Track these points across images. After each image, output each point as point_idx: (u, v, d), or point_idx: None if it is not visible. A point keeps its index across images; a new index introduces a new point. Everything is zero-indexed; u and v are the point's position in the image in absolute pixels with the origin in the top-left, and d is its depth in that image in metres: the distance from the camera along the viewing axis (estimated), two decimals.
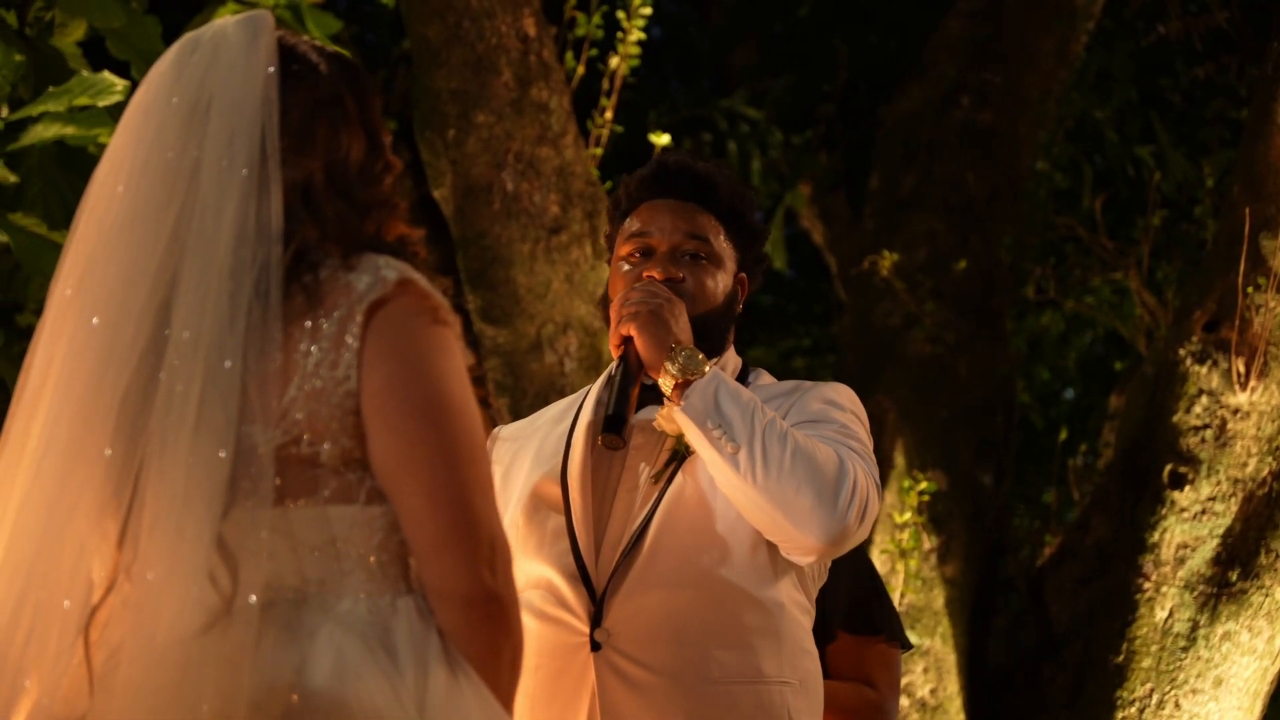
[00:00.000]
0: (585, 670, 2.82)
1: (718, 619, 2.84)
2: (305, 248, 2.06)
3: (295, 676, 1.96)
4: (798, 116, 8.37)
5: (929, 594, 5.73)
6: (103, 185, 2.10)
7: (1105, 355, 8.53)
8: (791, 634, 2.90)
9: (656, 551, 2.86)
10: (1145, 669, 4.89)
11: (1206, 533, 4.88)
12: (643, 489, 2.92)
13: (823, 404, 2.98)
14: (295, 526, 2.02)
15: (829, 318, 8.91)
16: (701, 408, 2.78)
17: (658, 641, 2.82)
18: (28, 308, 4.17)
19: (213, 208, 2.01)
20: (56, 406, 2.02)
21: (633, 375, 2.86)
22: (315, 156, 2.11)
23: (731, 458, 2.76)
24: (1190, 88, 7.27)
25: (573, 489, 2.92)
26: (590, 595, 2.85)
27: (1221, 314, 4.99)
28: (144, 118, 2.09)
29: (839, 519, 2.76)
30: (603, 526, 2.91)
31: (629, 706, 2.80)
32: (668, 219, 3.02)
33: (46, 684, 1.96)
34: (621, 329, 2.87)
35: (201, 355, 1.97)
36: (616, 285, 3.03)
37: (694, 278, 2.99)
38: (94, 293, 2.04)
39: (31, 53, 4.14)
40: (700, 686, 2.80)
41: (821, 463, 2.77)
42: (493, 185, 5.27)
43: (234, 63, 2.07)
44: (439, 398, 2.05)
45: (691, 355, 2.82)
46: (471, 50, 5.26)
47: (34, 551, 1.98)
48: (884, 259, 6.21)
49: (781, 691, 2.85)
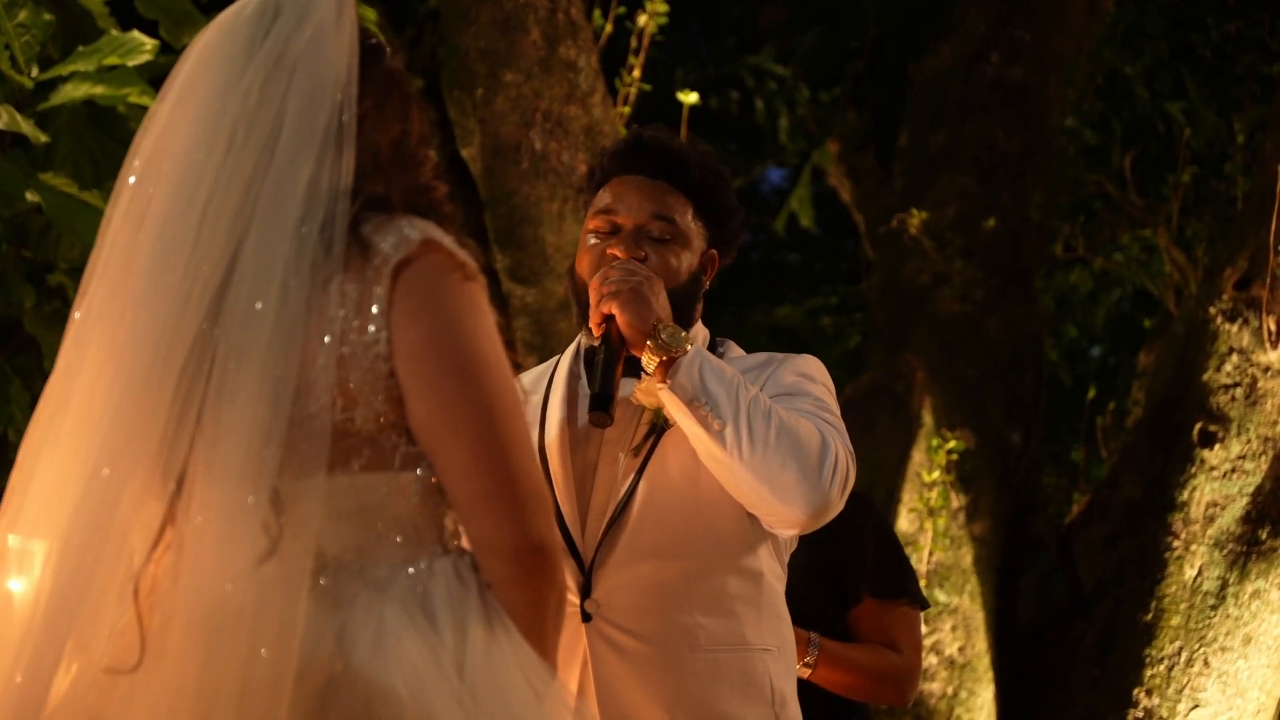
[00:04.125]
0: (576, 640, 2.87)
1: (704, 588, 2.90)
2: (370, 203, 2.08)
3: (336, 645, 1.97)
4: (826, 73, 8.34)
5: (957, 552, 5.74)
6: (165, 141, 2.12)
7: (1134, 313, 8.51)
8: (770, 601, 2.97)
9: (642, 523, 2.91)
10: (1174, 627, 4.89)
11: (1236, 491, 4.87)
12: (623, 462, 2.95)
13: (796, 377, 3.01)
14: (331, 494, 2.03)
15: (856, 276, 8.90)
16: (689, 386, 2.81)
17: (647, 611, 2.88)
18: (58, 267, 4.18)
19: (289, 169, 2.04)
20: (115, 370, 2.04)
21: (615, 353, 2.88)
22: (383, 133, 2.15)
23: (718, 434, 2.80)
24: (1221, 43, 7.22)
25: (553, 462, 2.97)
26: (579, 566, 2.90)
27: (1253, 272, 4.97)
28: (220, 70, 2.11)
29: (822, 493, 2.81)
30: (585, 499, 2.96)
31: (620, 675, 2.86)
32: (635, 196, 3.03)
33: (95, 650, 1.98)
34: (603, 307, 2.88)
35: (267, 313, 1.99)
36: (583, 259, 3.06)
37: (657, 257, 2.99)
38: (164, 244, 2.05)
39: (60, 12, 4.14)
40: (688, 654, 2.87)
41: (805, 438, 2.82)
42: (521, 144, 5.27)
43: (323, 31, 2.11)
44: (474, 354, 2.06)
45: (674, 333, 2.84)
46: (500, 8, 5.25)
47: (88, 518, 2.00)
48: (913, 217, 6.19)
49: (763, 658, 2.92)
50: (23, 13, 3.79)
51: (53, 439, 2.08)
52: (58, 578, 2.00)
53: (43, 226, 4.11)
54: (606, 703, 2.85)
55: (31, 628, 2.01)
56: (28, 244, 4.14)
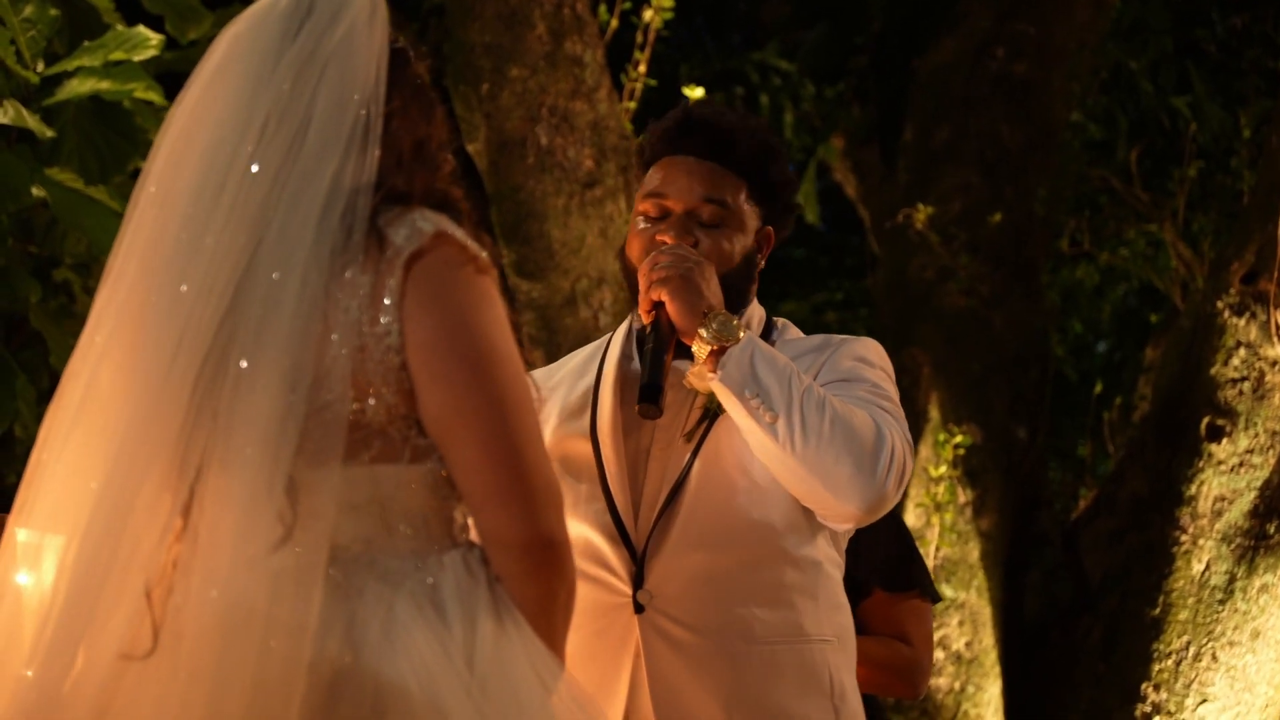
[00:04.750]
0: (628, 631, 2.80)
1: (759, 578, 2.82)
2: (389, 197, 2.09)
3: (345, 636, 1.97)
4: (830, 69, 8.32)
5: (964, 547, 5.73)
6: (192, 130, 2.12)
7: (1140, 308, 8.51)
8: (828, 590, 2.89)
9: (695, 511, 2.83)
10: (1182, 621, 4.88)
11: (1244, 485, 4.86)
12: (677, 447, 2.89)
13: (853, 361, 2.93)
14: (343, 485, 2.03)
15: (861, 271, 8.89)
16: (738, 376, 2.74)
17: (701, 602, 2.80)
18: (64, 262, 4.18)
19: (315, 163, 2.05)
20: (135, 362, 2.04)
21: (665, 341, 2.80)
22: (406, 134, 2.16)
23: (770, 427, 2.72)
24: (1226, 37, 7.21)
25: (605, 447, 2.89)
26: (631, 555, 2.83)
27: (1259, 266, 4.96)
28: (252, 63, 2.12)
29: (877, 487, 2.73)
30: (639, 486, 2.88)
31: (674, 668, 2.78)
32: (685, 179, 2.95)
33: (109, 642, 1.98)
34: (652, 294, 2.81)
35: (286, 302, 1.99)
36: (632, 244, 2.98)
37: (710, 241, 2.92)
38: (189, 233, 2.05)
39: (66, 7, 4.14)
40: (744, 647, 2.79)
41: (859, 430, 2.74)
42: (527, 139, 5.26)
43: (355, 31, 2.12)
44: (486, 347, 2.06)
45: (726, 321, 2.77)
46: (505, 3, 5.24)
47: (107, 512, 2.00)
48: (918, 212, 6.18)
49: (822, 649, 2.84)
50: (29, 8, 3.79)
51: (69, 433, 2.08)
52: (75, 573, 2.00)
53: (48, 222, 4.11)
54: (661, 697, 2.78)
55: (47, 623, 2.01)
56: (33, 239, 4.15)
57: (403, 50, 2.21)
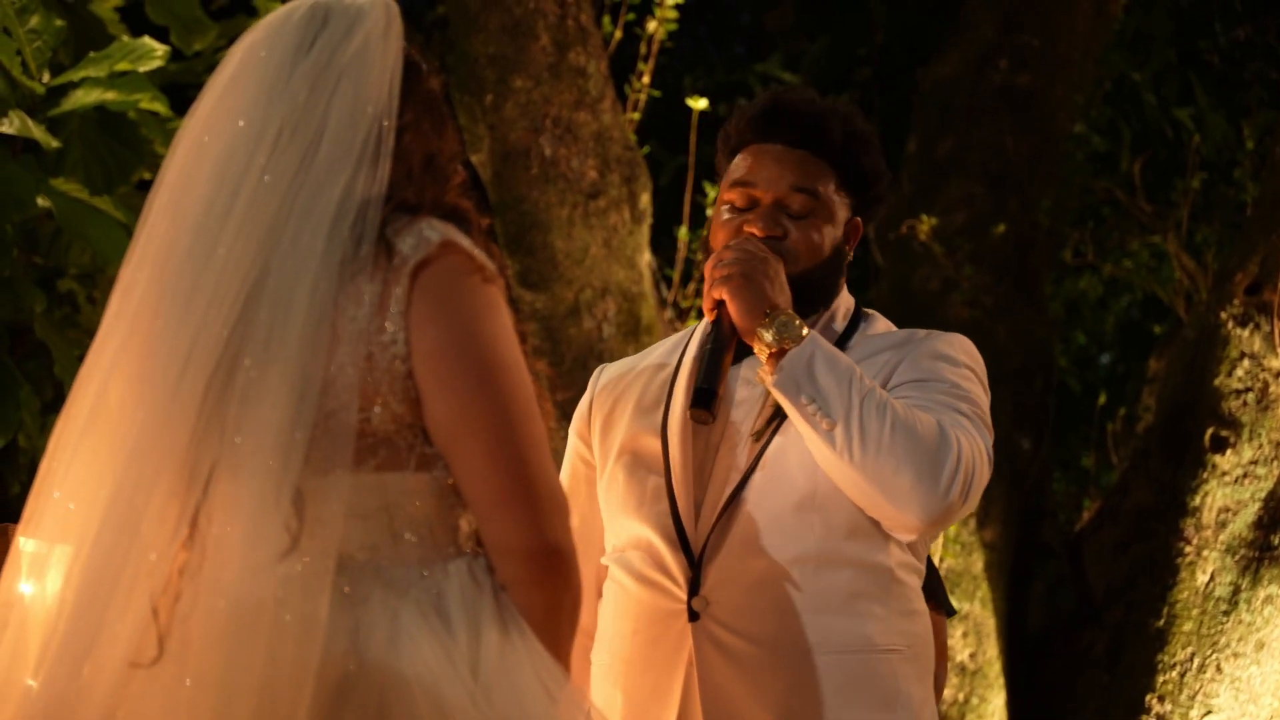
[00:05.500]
0: (682, 639, 2.71)
1: (821, 586, 2.70)
2: (399, 208, 2.09)
3: (350, 643, 1.98)
4: (833, 80, 8.32)
5: (968, 558, 5.73)
6: (205, 139, 2.13)
7: (1144, 319, 8.49)
8: (900, 596, 2.77)
9: (755, 514, 2.73)
10: (1186, 633, 4.88)
11: (1248, 496, 4.86)
12: (744, 446, 2.78)
13: (934, 360, 2.81)
14: (348, 493, 2.03)
15: (865, 282, 8.88)
16: (793, 381, 2.64)
17: (758, 611, 2.70)
18: (69, 273, 4.19)
19: (327, 174, 2.05)
20: (146, 371, 2.04)
21: (725, 342, 2.73)
22: (418, 147, 2.17)
23: (827, 434, 2.62)
24: (1229, 49, 7.21)
25: (673, 445, 2.79)
26: (689, 559, 2.74)
27: (1263, 277, 4.96)
28: (266, 73, 2.12)
29: (940, 497, 2.60)
30: (704, 486, 2.78)
31: (729, 679, 2.69)
32: (774, 168, 2.85)
33: (116, 652, 1.97)
34: (714, 292, 2.73)
35: (297, 311, 2.00)
36: (717, 234, 2.87)
37: (799, 233, 2.81)
38: (201, 243, 2.06)
39: (71, 18, 4.16)
40: (804, 657, 2.67)
41: (923, 436, 2.61)
42: (530, 150, 5.26)
43: (370, 44, 2.14)
44: (492, 356, 2.07)
45: (787, 321, 2.68)
46: (509, 14, 5.25)
47: (116, 522, 2.00)
48: (922, 223, 6.18)
49: (889, 660, 2.72)
50: (34, 19, 3.80)
51: (78, 442, 2.08)
52: (83, 582, 2.00)
53: (53, 232, 4.12)
54: (713, 709, 2.69)
55: (54, 632, 2.01)
56: (38, 250, 4.16)
57: (417, 63, 2.22)
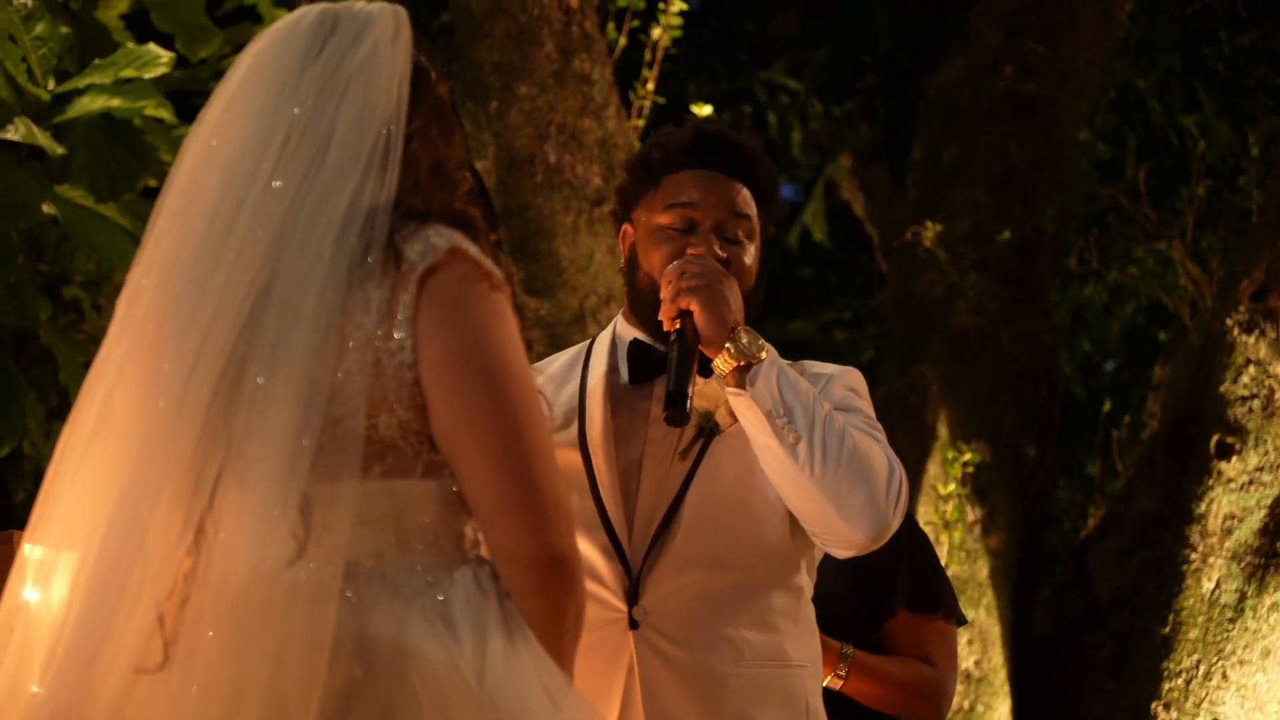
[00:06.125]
0: (622, 646, 2.82)
1: (751, 602, 2.85)
2: (406, 215, 2.09)
3: (356, 649, 1.97)
4: (838, 87, 8.34)
5: (973, 565, 5.72)
6: (214, 145, 2.13)
7: (1148, 326, 8.49)
8: (807, 616, 2.94)
9: (693, 532, 2.85)
10: (1192, 640, 4.87)
11: (1254, 503, 4.85)
12: (672, 464, 2.89)
13: (846, 391, 2.97)
14: (355, 500, 2.03)
15: (869, 290, 8.89)
16: (769, 396, 2.77)
17: (696, 621, 2.82)
18: (74, 280, 4.19)
19: (335, 181, 2.05)
20: (152, 377, 2.04)
21: (690, 350, 2.80)
22: (426, 154, 2.16)
23: (792, 448, 2.75)
24: (1234, 55, 7.21)
25: (596, 459, 2.89)
26: (625, 571, 2.84)
27: (1269, 283, 4.96)
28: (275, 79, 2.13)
29: (884, 517, 2.78)
30: (632, 501, 2.88)
31: (667, 685, 2.80)
32: (714, 194, 2.96)
33: (121, 659, 1.97)
34: (681, 301, 2.81)
35: (304, 318, 2.00)
36: (652, 254, 2.96)
37: (736, 256, 2.94)
38: (209, 248, 2.06)
39: (76, 25, 4.16)
40: (733, 669, 2.81)
41: (874, 461, 2.78)
42: (535, 157, 5.27)
43: (378, 50, 2.14)
44: (498, 364, 2.07)
45: (753, 338, 2.80)
46: (514, 22, 5.26)
47: (123, 529, 2.00)
48: (927, 230, 6.19)
49: (800, 675, 2.88)
50: (40, 26, 3.80)
51: (85, 448, 2.08)
52: (90, 589, 2.00)
53: (58, 239, 4.12)
54: (653, 713, 2.80)
55: (60, 639, 2.01)
56: (43, 257, 4.16)
57: (425, 70, 2.21)
